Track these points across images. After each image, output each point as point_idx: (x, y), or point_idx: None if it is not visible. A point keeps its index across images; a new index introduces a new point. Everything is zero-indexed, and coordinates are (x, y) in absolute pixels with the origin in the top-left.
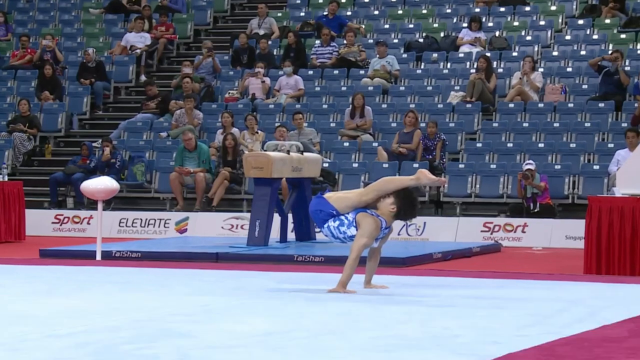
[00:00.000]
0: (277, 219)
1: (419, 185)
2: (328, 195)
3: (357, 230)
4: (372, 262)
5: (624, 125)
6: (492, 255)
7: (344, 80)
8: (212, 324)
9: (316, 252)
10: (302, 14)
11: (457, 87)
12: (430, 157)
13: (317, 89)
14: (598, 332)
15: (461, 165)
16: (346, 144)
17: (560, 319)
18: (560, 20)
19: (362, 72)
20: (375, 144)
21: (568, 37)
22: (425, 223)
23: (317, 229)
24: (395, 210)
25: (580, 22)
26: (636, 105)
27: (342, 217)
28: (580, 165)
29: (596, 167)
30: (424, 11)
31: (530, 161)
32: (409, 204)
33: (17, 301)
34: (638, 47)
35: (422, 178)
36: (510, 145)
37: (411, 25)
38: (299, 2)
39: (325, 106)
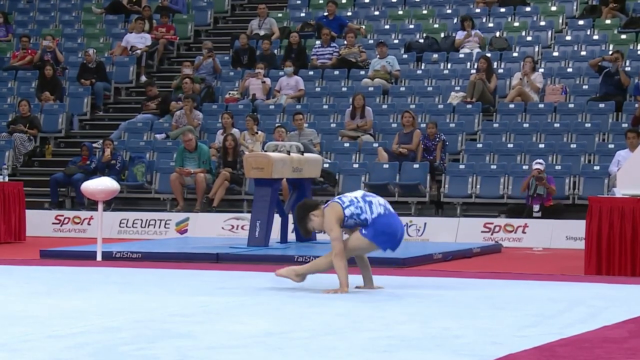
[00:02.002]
0: (277, 219)
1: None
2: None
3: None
4: (359, 262)
5: (624, 125)
6: (493, 255)
7: (344, 81)
8: (212, 325)
9: (316, 253)
10: (303, 14)
11: (457, 88)
12: (430, 157)
13: (318, 89)
14: (598, 332)
15: (461, 166)
16: (346, 145)
17: (561, 320)
18: (560, 21)
19: (362, 72)
20: (375, 145)
21: (568, 38)
22: (425, 224)
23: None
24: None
25: (581, 22)
26: (636, 105)
27: (359, 208)
28: (580, 165)
29: (596, 167)
30: (424, 12)
31: (541, 160)
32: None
33: (17, 302)
34: (638, 48)
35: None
36: (510, 145)
37: (411, 26)
38: (299, 2)
39: (325, 107)
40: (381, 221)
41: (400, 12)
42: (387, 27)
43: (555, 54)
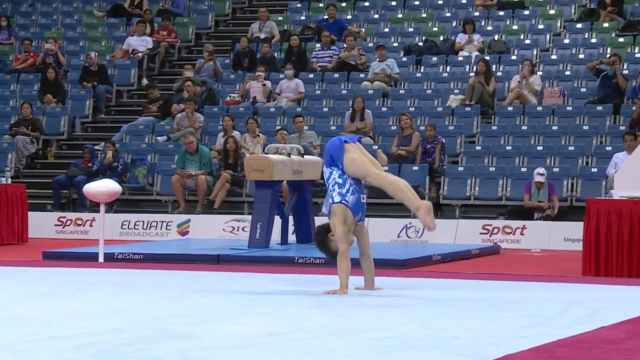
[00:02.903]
0: (277, 221)
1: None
2: (348, 147)
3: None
4: (364, 263)
5: (622, 128)
6: (491, 257)
7: (344, 84)
8: (213, 326)
9: (317, 254)
10: (303, 17)
11: (456, 91)
12: (429, 160)
13: (318, 92)
14: (596, 333)
15: (460, 168)
16: None
17: (559, 321)
18: (558, 24)
19: (362, 75)
20: (375, 147)
21: (566, 41)
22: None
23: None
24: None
25: (579, 25)
26: (634, 108)
27: (336, 185)
28: (578, 167)
29: (594, 169)
30: (424, 15)
31: (542, 171)
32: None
33: (19, 303)
34: (636, 51)
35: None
36: (509, 148)
37: (411, 29)
38: (299, 6)
39: (325, 109)
40: (326, 152)
41: (400, 16)
42: (386, 30)
43: (554, 57)
